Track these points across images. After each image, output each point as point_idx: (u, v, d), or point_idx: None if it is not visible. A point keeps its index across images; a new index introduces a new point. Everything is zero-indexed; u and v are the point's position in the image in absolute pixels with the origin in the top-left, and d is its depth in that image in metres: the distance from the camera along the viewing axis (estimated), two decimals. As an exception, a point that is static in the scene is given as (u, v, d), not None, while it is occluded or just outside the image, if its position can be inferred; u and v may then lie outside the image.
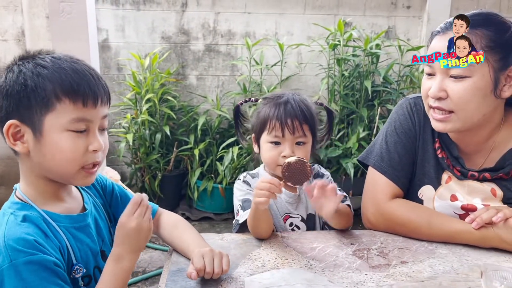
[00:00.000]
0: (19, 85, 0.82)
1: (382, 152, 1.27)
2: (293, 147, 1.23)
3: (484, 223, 1.09)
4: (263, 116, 1.26)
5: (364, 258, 1.09)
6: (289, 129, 1.22)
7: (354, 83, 3.23)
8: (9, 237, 0.78)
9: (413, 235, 1.18)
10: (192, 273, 0.93)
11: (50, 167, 0.86)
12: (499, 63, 1.05)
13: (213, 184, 3.13)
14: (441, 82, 1.09)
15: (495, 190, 1.17)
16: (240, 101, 1.38)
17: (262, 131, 1.26)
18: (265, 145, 1.25)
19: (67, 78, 0.83)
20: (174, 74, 3.39)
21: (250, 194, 1.24)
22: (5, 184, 2.68)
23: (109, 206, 1.07)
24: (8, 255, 0.76)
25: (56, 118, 0.83)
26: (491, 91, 1.07)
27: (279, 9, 3.41)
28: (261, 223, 1.16)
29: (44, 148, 0.84)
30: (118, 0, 3.28)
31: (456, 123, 1.11)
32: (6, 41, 3.27)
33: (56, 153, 0.84)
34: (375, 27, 3.51)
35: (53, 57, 0.86)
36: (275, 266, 1.05)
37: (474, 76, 1.06)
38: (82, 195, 0.99)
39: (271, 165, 1.26)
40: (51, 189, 0.90)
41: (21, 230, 0.80)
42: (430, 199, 1.25)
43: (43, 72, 0.83)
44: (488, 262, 1.07)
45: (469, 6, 3.52)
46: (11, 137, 0.84)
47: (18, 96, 0.82)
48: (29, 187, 0.88)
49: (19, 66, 0.85)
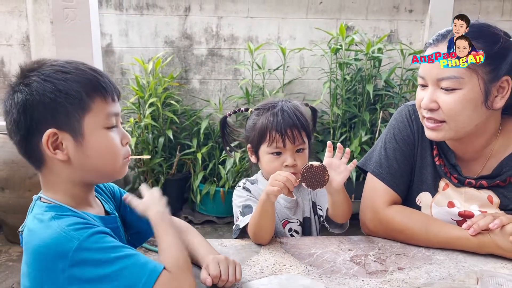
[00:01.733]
0: (51, 93, 0.81)
1: (381, 158, 1.28)
2: (294, 155, 1.25)
3: (481, 230, 1.10)
4: (260, 127, 1.25)
5: (361, 264, 1.10)
6: (290, 139, 1.23)
7: (356, 87, 3.24)
8: (64, 225, 0.78)
9: (411, 242, 1.19)
10: (207, 279, 0.94)
11: (95, 167, 0.86)
12: (489, 75, 1.06)
13: (215, 187, 3.15)
14: (433, 94, 1.11)
15: (491, 197, 1.18)
16: (228, 112, 1.37)
17: (261, 143, 1.26)
18: (266, 156, 1.26)
19: (91, 77, 0.85)
20: (177, 78, 3.41)
21: (251, 200, 1.25)
22: (10, 187, 2.70)
23: (118, 210, 1.08)
24: (72, 238, 0.76)
25: (93, 117, 0.84)
26: (482, 102, 1.08)
27: (282, 13, 3.42)
28: (265, 220, 1.15)
29: (88, 149, 0.84)
30: (121, 5, 3.31)
31: (448, 132, 1.12)
32: (11, 46, 3.31)
33: (103, 151, 0.86)
34: (378, 31, 3.52)
35: (66, 62, 0.87)
36: (273, 272, 1.06)
37: (464, 88, 1.07)
38: (100, 201, 0.99)
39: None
40: (83, 194, 0.90)
41: (71, 218, 0.81)
42: (427, 206, 1.26)
43: (67, 76, 0.83)
44: (485, 269, 1.08)
45: (471, 9, 3.53)
46: (51, 146, 0.82)
47: (53, 103, 0.81)
48: (59, 194, 0.86)
49: (36, 76, 0.82)
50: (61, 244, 0.76)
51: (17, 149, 0.87)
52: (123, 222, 1.05)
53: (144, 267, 0.79)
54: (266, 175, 1.30)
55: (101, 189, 1.02)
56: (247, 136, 1.33)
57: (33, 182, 2.64)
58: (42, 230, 0.79)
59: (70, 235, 0.77)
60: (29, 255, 0.80)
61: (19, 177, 2.64)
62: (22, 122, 0.82)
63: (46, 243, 0.77)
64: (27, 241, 0.81)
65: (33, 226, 0.81)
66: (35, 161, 0.86)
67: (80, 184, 0.88)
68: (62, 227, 0.78)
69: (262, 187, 1.30)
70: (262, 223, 1.16)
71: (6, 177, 2.67)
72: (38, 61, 0.86)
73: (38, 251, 0.78)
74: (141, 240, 1.10)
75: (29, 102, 0.81)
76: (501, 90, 1.09)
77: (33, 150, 0.84)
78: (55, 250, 0.76)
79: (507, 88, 1.08)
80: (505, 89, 1.09)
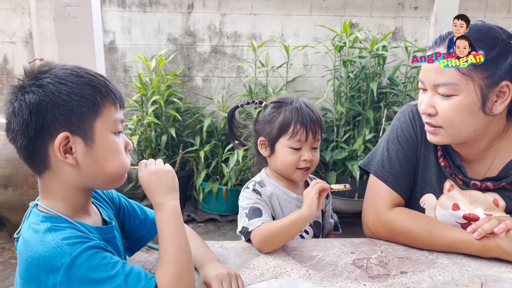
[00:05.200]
0: (66, 95, 0.80)
1: (383, 159, 1.27)
2: (311, 151, 1.28)
3: (486, 234, 1.08)
4: (283, 120, 1.26)
5: (363, 268, 1.09)
6: (312, 133, 1.27)
7: (360, 85, 3.22)
8: (59, 239, 0.77)
9: (414, 245, 1.18)
10: None
11: (101, 172, 0.85)
12: (486, 81, 1.04)
13: (218, 186, 3.14)
14: (431, 99, 1.10)
15: (497, 201, 1.16)
16: (241, 103, 1.35)
17: (281, 135, 1.27)
18: (285, 149, 1.27)
19: (103, 83, 0.85)
20: (180, 76, 3.40)
21: (260, 204, 1.23)
22: (13, 185, 2.71)
23: (117, 216, 1.07)
24: (64, 253, 0.75)
25: (104, 122, 0.84)
26: (479, 108, 1.06)
27: (285, 10, 3.40)
28: (294, 233, 1.16)
29: (97, 153, 0.84)
30: (124, 2, 3.30)
31: (445, 137, 1.12)
32: (15, 43, 3.31)
33: (112, 155, 0.85)
34: (382, 28, 3.49)
35: (75, 66, 0.86)
36: (273, 275, 1.05)
37: (460, 95, 1.06)
38: (98, 209, 0.98)
39: (290, 169, 1.27)
40: (83, 201, 0.89)
41: (66, 231, 0.79)
42: (432, 208, 1.24)
43: (81, 80, 0.82)
44: (489, 273, 1.06)
45: (477, 6, 3.48)
46: (62, 150, 0.81)
47: (68, 106, 0.80)
48: (57, 202, 0.85)
49: (49, 78, 0.81)
50: (54, 258, 0.75)
51: (19, 152, 0.84)
52: (122, 227, 1.04)
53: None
54: (281, 167, 1.29)
55: (100, 196, 1.01)
56: (260, 129, 1.31)
57: (36, 180, 2.63)
58: (37, 242, 0.77)
59: (63, 250, 0.76)
60: (22, 266, 0.79)
61: (22, 175, 2.65)
62: (33, 124, 0.80)
63: (39, 256, 0.76)
64: (21, 251, 0.80)
65: (27, 236, 0.80)
66: (39, 165, 0.84)
67: (81, 190, 0.87)
68: (56, 241, 0.76)
69: (270, 189, 1.28)
70: (290, 234, 1.15)
71: (9, 175, 2.67)
72: (47, 64, 0.85)
73: (31, 263, 0.77)
74: (139, 245, 1.09)
75: (43, 103, 0.79)
76: (502, 95, 1.07)
77: (39, 153, 0.82)
78: (48, 264, 0.75)
79: (508, 93, 1.06)
80: (506, 94, 1.06)
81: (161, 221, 0.87)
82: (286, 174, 1.30)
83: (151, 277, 0.81)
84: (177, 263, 0.83)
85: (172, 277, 0.82)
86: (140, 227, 1.06)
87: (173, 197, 0.90)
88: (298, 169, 1.27)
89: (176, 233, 0.87)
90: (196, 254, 1.03)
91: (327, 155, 3.07)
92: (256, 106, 1.36)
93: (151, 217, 1.06)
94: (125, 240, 1.03)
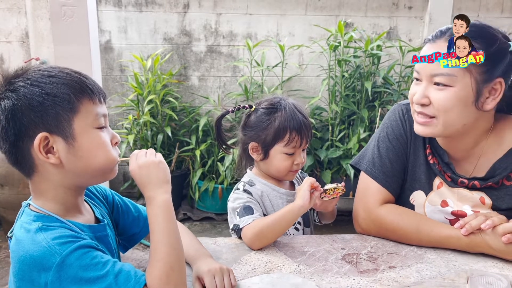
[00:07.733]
0: (39, 96, 0.80)
1: (374, 157, 1.29)
2: (302, 154, 1.31)
3: (473, 230, 1.11)
4: (278, 127, 1.26)
5: (353, 263, 1.11)
6: (306, 140, 1.29)
7: (355, 84, 3.24)
8: (49, 238, 0.78)
9: (403, 241, 1.20)
10: None
11: (88, 168, 0.86)
12: (482, 76, 1.06)
13: (214, 184, 3.16)
14: (426, 89, 1.11)
15: (484, 199, 1.18)
16: (231, 109, 1.33)
17: (276, 142, 1.27)
18: (279, 155, 1.28)
19: (77, 79, 0.85)
20: (176, 75, 3.42)
21: (252, 203, 1.25)
22: (9, 184, 2.72)
23: (111, 214, 1.08)
24: (55, 252, 0.76)
25: (83, 118, 0.84)
26: (472, 102, 1.08)
27: (281, 10, 3.42)
28: (286, 227, 1.18)
29: (80, 151, 0.84)
30: (120, 2, 3.31)
31: (436, 128, 1.13)
32: (10, 43, 3.31)
33: (95, 150, 0.85)
34: (377, 27, 3.52)
35: (50, 66, 0.86)
36: (265, 270, 1.07)
37: (456, 86, 1.07)
38: (91, 206, 0.98)
39: (283, 172, 1.30)
40: (74, 200, 0.90)
41: (57, 230, 0.80)
42: (421, 205, 1.26)
43: (53, 79, 0.83)
44: (475, 268, 1.08)
45: (471, 6, 3.51)
46: (43, 150, 0.81)
47: (42, 107, 0.81)
48: (49, 202, 0.86)
49: (22, 81, 0.82)
50: (45, 258, 0.76)
51: (6, 158, 0.85)
52: (116, 225, 1.05)
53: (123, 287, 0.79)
54: (274, 171, 1.31)
55: (93, 193, 1.02)
56: (253, 135, 1.30)
57: (32, 179, 2.65)
58: (28, 241, 0.79)
59: (54, 249, 0.77)
60: (15, 265, 0.80)
61: (18, 173, 2.61)
62: (11, 129, 0.81)
63: (31, 255, 0.77)
64: (13, 250, 0.81)
65: (19, 235, 0.81)
66: (26, 168, 0.85)
67: (71, 188, 0.88)
68: (47, 240, 0.78)
69: (259, 187, 1.31)
70: (282, 227, 1.17)
71: (5, 174, 2.69)
72: (22, 68, 0.86)
73: (23, 262, 0.78)
74: (133, 242, 1.10)
75: (17, 107, 0.80)
76: (493, 91, 1.09)
77: (23, 157, 0.83)
78: (39, 263, 0.76)
79: (499, 90, 1.09)
80: (497, 91, 1.09)
81: (152, 216, 0.88)
82: (277, 177, 1.33)
83: (141, 276, 0.81)
84: (166, 261, 0.83)
85: (161, 275, 0.82)
86: (134, 224, 1.07)
87: (163, 191, 0.89)
88: (291, 171, 1.31)
89: (166, 229, 0.86)
90: (188, 250, 1.04)
91: (322, 154, 3.09)
92: (246, 110, 1.34)
93: (144, 215, 1.07)
94: (118, 237, 1.04)
